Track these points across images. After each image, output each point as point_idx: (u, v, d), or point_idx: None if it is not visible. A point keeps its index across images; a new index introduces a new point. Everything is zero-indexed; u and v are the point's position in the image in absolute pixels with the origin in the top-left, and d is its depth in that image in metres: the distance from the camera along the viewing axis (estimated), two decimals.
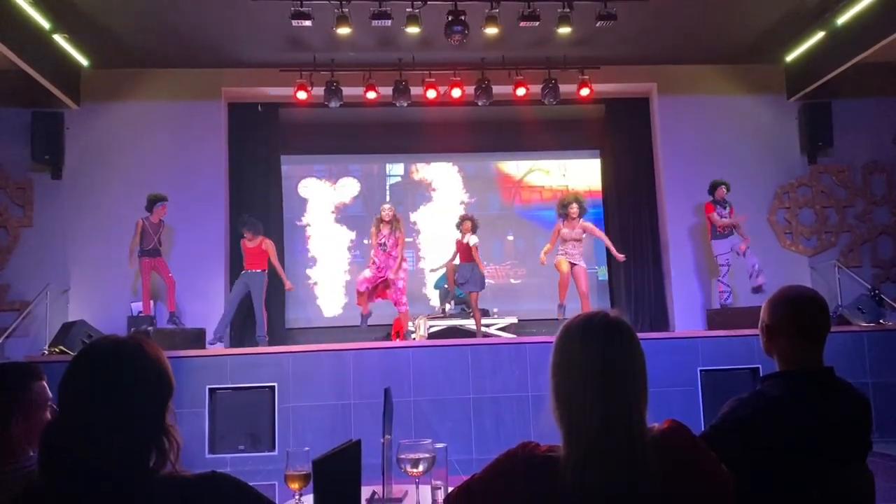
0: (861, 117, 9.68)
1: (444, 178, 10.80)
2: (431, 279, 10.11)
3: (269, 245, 8.36)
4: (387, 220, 8.05)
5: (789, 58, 9.38)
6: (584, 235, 8.18)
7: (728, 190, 8.76)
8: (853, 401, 1.87)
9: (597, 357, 1.42)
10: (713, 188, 8.76)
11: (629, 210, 10.14)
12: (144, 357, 1.42)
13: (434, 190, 10.74)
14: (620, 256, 8.44)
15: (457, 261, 8.49)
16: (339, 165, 10.77)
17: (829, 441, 1.77)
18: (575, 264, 8.05)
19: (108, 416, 1.34)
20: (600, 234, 8.59)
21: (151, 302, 8.40)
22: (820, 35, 8.50)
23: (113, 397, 1.36)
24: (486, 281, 8.75)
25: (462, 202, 10.65)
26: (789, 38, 8.97)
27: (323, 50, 8.85)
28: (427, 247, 10.38)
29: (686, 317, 9.38)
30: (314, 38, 8.48)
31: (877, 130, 9.71)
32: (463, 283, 8.27)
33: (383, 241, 8.00)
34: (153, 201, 8.28)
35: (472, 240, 8.30)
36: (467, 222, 8.35)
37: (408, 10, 7.81)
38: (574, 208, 8.07)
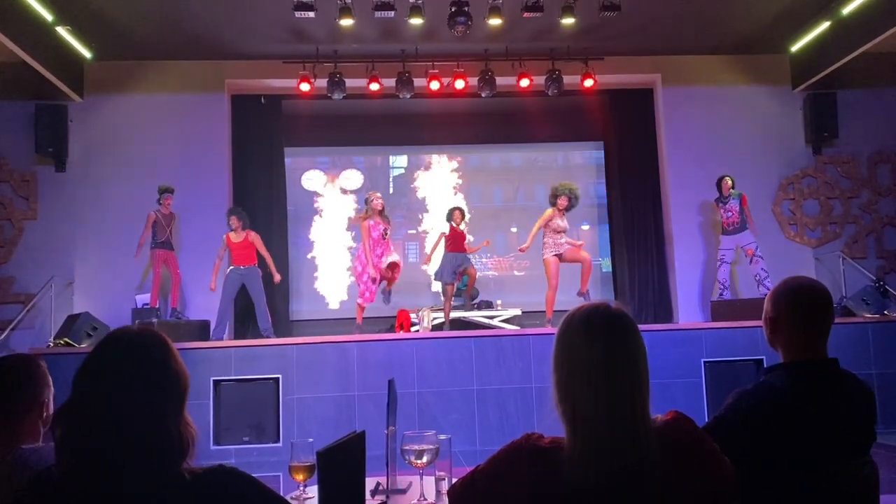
0: (866, 108, 9.64)
1: (447, 169, 10.78)
2: (434, 272, 10.11)
3: (255, 237, 8.11)
4: (379, 209, 7.93)
5: (794, 48, 9.34)
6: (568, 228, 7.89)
7: (733, 184, 8.57)
8: (857, 392, 1.86)
9: (599, 350, 1.42)
10: (719, 182, 8.63)
11: (633, 201, 10.13)
12: (168, 348, 1.44)
13: (437, 182, 10.72)
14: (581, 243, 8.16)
15: (440, 249, 8.37)
16: (343, 157, 10.76)
17: (833, 432, 1.77)
18: (562, 254, 7.80)
19: (130, 405, 1.34)
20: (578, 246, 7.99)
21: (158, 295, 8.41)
22: (825, 25, 8.46)
23: (137, 386, 1.36)
24: (491, 273, 8.70)
25: (465, 194, 10.64)
26: (794, 28, 8.92)
27: (326, 42, 8.83)
28: (431, 239, 10.36)
29: (689, 308, 9.38)
30: (317, 29, 8.46)
31: (882, 121, 9.67)
32: (462, 271, 8.15)
33: (384, 230, 7.94)
34: (160, 192, 8.30)
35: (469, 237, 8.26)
36: (458, 212, 8.22)
37: (411, 1, 7.79)
38: (563, 200, 7.80)
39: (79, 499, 1.30)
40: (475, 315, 9.08)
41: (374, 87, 9.10)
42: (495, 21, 8.02)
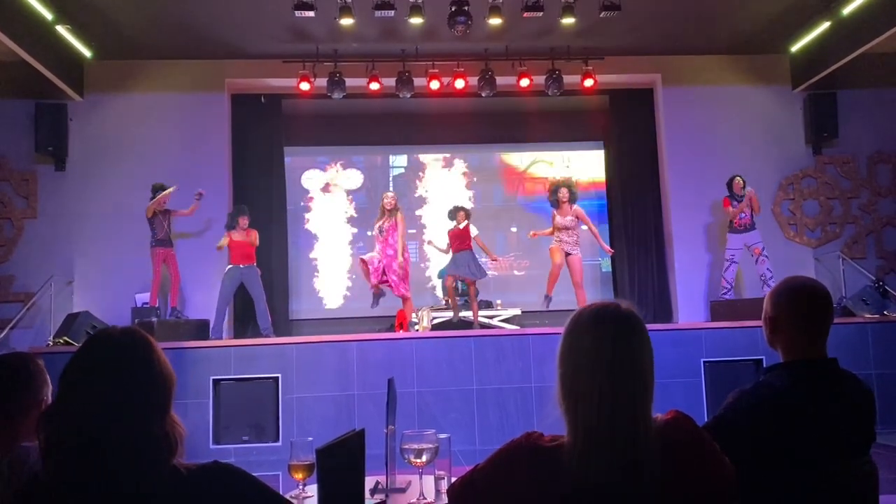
0: (866, 108, 9.64)
1: (447, 169, 10.77)
2: (435, 270, 10.11)
3: (255, 235, 8.15)
4: (388, 208, 8.03)
5: (794, 48, 9.33)
6: (577, 223, 7.97)
7: (744, 183, 8.52)
8: (857, 392, 1.86)
9: (607, 349, 1.42)
10: (730, 182, 8.59)
11: (633, 201, 10.13)
12: (153, 348, 1.43)
13: (437, 182, 10.71)
14: (609, 250, 8.58)
15: (449, 251, 8.39)
16: (343, 157, 10.76)
17: (833, 432, 1.77)
18: (570, 253, 7.92)
19: (116, 406, 1.34)
20: (590, 223, 8.16)
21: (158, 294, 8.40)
22: (825, 25, 8.45)
23: (122, 386, 1.35)
24: (490, 273, 8.69)
25: (467, 193, 10.63)
26: (794, 28, 8.92)
27: (326, 41, 8.83)
28: (431, 238, 10.36)
29: (689, 308, 9.38)
30: (317, 29, 8.46)
31: (882, 121, 9.67)
32: (465, 271, 8.09)
33: (380, 226, 7.99)
34: (154, 191, 8.30)
35: (473, 230, 8.22)
36: (462, 212, 8.22)
37: (411, 0, 7.78)
38: (563, 192, 7.91)
39: (71, 501, 1.30)
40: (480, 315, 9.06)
41: (374, 86, 9.09)
42: (495, 21, 8.02)
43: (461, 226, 8.17)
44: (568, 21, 8.04)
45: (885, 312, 7.75)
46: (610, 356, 1.41)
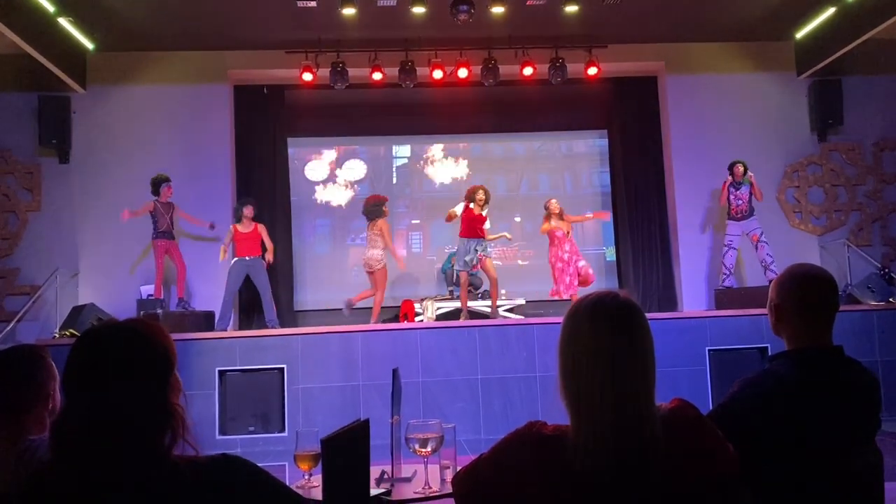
0: (872, 94, 9.58)
1: (450, 159, 10.75)
2: (440, 261, 10.11)
3: (262, 229, 8.21)
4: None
5: (799, 35, 9.28)
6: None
7: (745, 170, 8.47)
8: (862, 380, 1.86)
9: (606, 339, 1.42)
10: (731, 167, 8.54)
11: (637, 189, 10.09)
12: (142, 338, 1.41)
13: (441, 171, 10.69)
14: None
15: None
16: (346, 147, 10.74)
17: (838, 420, 1.77)
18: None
19: (111, 400, 1.34)
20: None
21: (162, 285, 8.43)
22: (830, 11, 8.40)
23: (112, 380, 1.35)
24: (495, 262, 8.68)
25: (468, 183, 10.61)
26: (799, 15, 8.86)
27: (328, 31, 8.79)
28: (433, 231, 10.36)
29: (694, 296, 9.37)
30: (319, 18, 8.43)
31: (888, 108, 9.61)
32: (470, 259, 7.86)
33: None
34: (158, 183, 8.29)
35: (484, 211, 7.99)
36: (480, 192, 7.91)
37: None
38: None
39: (72, 497, 1.31)
40: (479, 305, 9.07)
41: (377, 76, 9.07)
42: (498, 9, 7.98)
43: (476, 210, 7.87)
44: (571, 9, 8.00)
45: (890, 300, 7.74)
46: (609, 346, 1.41)
